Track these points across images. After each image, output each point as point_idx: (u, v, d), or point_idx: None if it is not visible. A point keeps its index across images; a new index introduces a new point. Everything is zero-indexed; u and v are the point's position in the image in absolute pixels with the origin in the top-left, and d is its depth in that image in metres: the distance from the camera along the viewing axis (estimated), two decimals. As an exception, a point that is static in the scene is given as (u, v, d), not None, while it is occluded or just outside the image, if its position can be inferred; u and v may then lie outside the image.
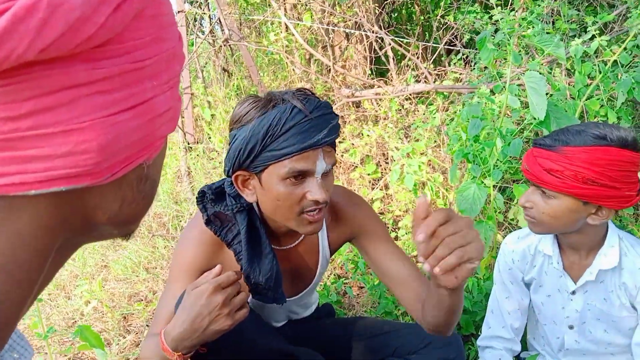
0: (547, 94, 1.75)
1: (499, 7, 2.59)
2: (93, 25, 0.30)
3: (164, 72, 0.38)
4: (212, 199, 1.10)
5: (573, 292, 1.34)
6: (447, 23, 3.01)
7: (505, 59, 2.02)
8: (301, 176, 0.98)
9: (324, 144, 0.97)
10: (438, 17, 3.15)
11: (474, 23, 2.45)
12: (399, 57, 2.91)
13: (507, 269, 1.44)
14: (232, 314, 0.94)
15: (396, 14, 3.85)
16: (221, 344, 1.03)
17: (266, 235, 1.13)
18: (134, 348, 1.77)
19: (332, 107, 1.04)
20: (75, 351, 1.69)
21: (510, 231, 2.02)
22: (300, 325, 1.41)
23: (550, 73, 2.34)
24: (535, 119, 1.64)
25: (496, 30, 1.69)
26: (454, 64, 2.71)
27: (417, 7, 3.67)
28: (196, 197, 1.14)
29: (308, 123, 0.96)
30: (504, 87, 1.68)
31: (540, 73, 1.59)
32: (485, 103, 2.04)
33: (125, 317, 1.95)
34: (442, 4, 3.54)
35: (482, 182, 1.67)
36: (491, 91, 2.15)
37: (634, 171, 1.15)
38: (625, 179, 1.13)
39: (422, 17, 3.64)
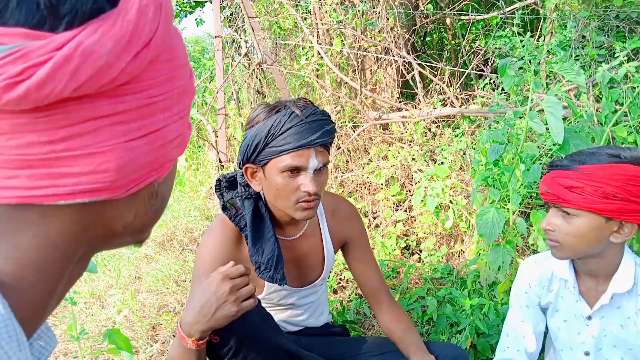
0: (565, 119, 1.77)
1: (529, 33, 2.62)
2: (116, 69, 0.38)
3: (175, 105, 0.46)
4: (226, 185, 1.28)
5: (589, 317, 1.34)
6: (477, 47, 3.05)
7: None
8: (296, 170, 1.17)
9: (316, 144, 1.15)
10: (468, 42, 3.19)
11: (500, 48, 2.49)
12: (426, 82, 2.96)
13: (524, 293, 1.45)
14: (238, 302, 1.06)
15: (428, 39, 3.91)
16: (232, 336, 1.14)
17: (271, 222, 1.27)
18: (160, 357, 1.86)
19: (329, 116, 1.23)
20: (105, 355, 1.79)
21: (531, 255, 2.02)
22: (313, 337, 1.48)
23: (578, 98, 2.33)
24: (555, 144, 1.66)
25: (522, 57, 1.73)
26: (482, 88, 2.74)
27: (448, 32, 3.73)
28: (214, 185, 1.31)
29: (304, 126, 1.14)
30: (525, 112, 1.71)
31: (559, 98, 1.61)
32: (509, 128, 2.06)
33: (153, 327, 2.04)
34: (473, 29, 3.58)
35: (502, 207, 1.69)
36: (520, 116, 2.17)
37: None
38: None
39: (452, 42, 3.69)
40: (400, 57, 2.79)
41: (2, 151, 0.37)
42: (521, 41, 2.36)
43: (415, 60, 2.78)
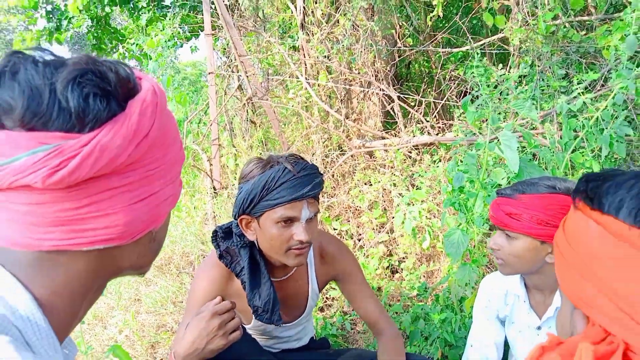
0: (523, 148, 1.96)
1: (500, 65, 2.85)
2: (123, 157, 0.57)
3: (168, 174, 0.65)
4: (222, 236, 1.38)
5: (539, 328, 1.51)
6: (454, 77, 3.27)
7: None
8: (290, 221, 1.26)
9: (307, 196, 1.25)
10: (448, 72, 3.42)
11: (471, 80, 2.70)
12: (405, 112, 3.17)
13: (484, 307, 1.63)
14: (226, 335, 1.18)
15: (410, 69, 4.15)
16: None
17: (265, 267, 1.38)
18: (158, 372, 2.02)
19: (317, 169, 1.33)
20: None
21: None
22: (294, 352, 1.62)
23: (543, 125, 2.53)
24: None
25: (479, 95, 1.94)
26: (458, 117, 2.94)
27: (430, 62, 3.95)
28: (211, 236, 1.42)
29: (296, 180, 1.25)
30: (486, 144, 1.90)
31: (516, 131, 1.80)
32: (479, 155, 2.25)
33: (152, 345, 2.20)
34: (452, 58, 3.81)
35: (468, 229, 1.88)
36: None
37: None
38: None
39: (435, 71, 3.91)
40: (381, 89, 3.01)
41: (44, 214, 0.56)
42: (485, 74, 2.57)
43: (394, 92, 3.00)
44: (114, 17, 8.46)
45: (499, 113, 2.00)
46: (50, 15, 7.09)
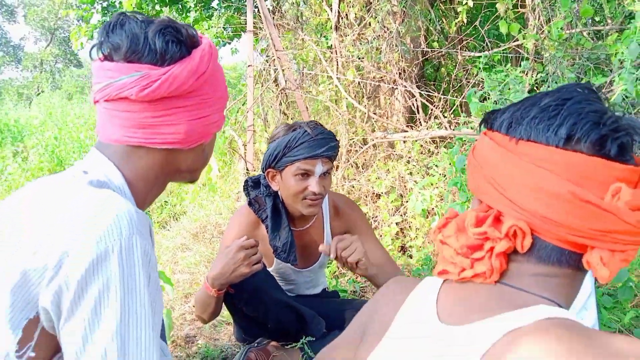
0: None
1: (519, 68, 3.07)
2: (187, 85, 0.86)
3: (216, 104, 0.94)
4: (251, 185, 1.68)
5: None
6: (477, 79, 3.49)
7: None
8: (306, 175, 1.55)
9: (322, 156, 1.54)
10: (467, 73, 3.64)
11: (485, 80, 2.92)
12: (426, 108, 3.41)
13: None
14: (249, 265, 1.47)
15: (436, 72, 4.39)
16: (244, 289, 1.56)
17: (286, 216, 1.67)
18: (190, 314, 2.32)
19: (334, 135, 1.62)
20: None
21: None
22: (307, 298, 1.89)
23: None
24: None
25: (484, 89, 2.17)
26: (475, 114, 3.16)
27: (457, 65, 4.18)
28: (242, 185, 1.73)
29: (313, 142, 1.54)
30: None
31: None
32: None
33: (185, 295, 2.51)
34: (478, 62, 4.02)
35: (468, 205, 2.11)
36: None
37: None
38: None
39: (461, 73, 4.14)
40: (404, 87, 3.26)
41: (134, 119, 0.86)
42: (503, 75, 2.80)
43: (416, 89, 3.26)
44: (163, 15, 8.96)
45: (500, 104, 2.23)
46: (106, 11, 7.61)
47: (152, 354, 0.73)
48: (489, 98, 2.13)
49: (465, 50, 3.59)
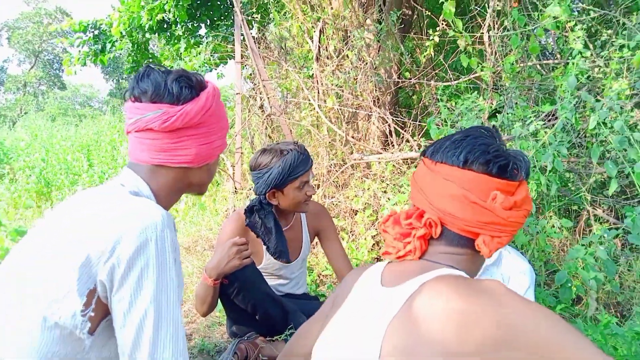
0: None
1: (481, 97, 3.42)
2: (196, 119, 1.17)
3: (219, 132, 1.25)
4: (248, 211, 1.97)
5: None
6: (445, 106, 3.86)
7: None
8: (305, 183, 1.93)
9: (310, 167, 1.94)
10: (435, 101, 4.01)
11: (454, 105, 3.28)
12: (398, 132, 3.76)
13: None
14: (240, 259, 1.78)
15: (410, 99, 4.77)
16: (235, 281, 1.86)
17: (279, 224, 2.00)
18: (185, 316, 2.56)
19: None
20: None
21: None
22: (292, 297, 2.18)
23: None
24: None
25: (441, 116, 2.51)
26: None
27: (425, 93, 4.56)
28: (245, 211, 2.01)
29: (304, 158, 1.92)
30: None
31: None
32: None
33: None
34: (446, 90, 4.40)
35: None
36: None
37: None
38: None
39: (432, 100, 4.52)
40: (378, 113, 3.61)
41: (156, 145, 1.15)
42: (464, 103, 3.15)
43: (390, 116, 3.61)
44: (150, 42, 9.27)
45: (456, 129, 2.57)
46: (97, 39, 7.89)
47: (178, 312, 1.02)
48: (447, 124, 2.47)
49: (434, 80, 3.96)
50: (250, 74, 4.41)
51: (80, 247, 1.00)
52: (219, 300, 1.94)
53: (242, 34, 4.16)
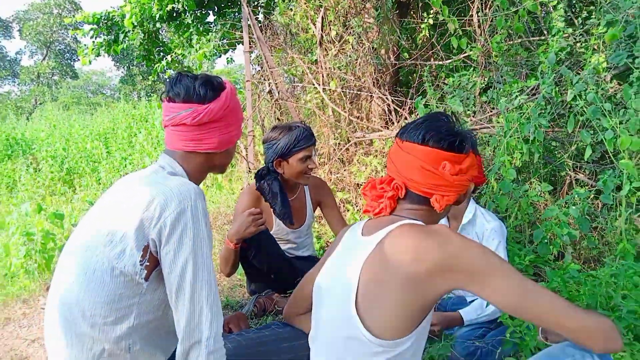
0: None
1: (466, 71, 3.67)
2: (219, 114, 1.50)
3: (236, 123, 1.58)
4: (259, 175, 2.31)
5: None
6: (442, 84, 4.12)
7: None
8: (307, 157, 2.26)
9: (313, 143, 2.27)
10: (439, 80, 4.27)
11: (448, 84, 3.55)
12: (397, 111, 4.04)
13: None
14: (256, 225, 2.12)
15: (409, 79, 5.02)
16: (252, 244, 2.19)
17: (284, 191, 2.35)
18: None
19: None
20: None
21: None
22: (301, 259, 2.52)
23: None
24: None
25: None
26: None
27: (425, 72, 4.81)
28: (255, 175, 2.36)
29: (308, 134, 2.25)
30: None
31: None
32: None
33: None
34: (444, 68, 4.65)
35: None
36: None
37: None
38: None
39: (429, 78, 4.77)
40: (377, 93, 3.89)
41: (188, 135, 1.48)
42: (454, 81, 3.41)
43: (388, 96, 3.89)
44: (161, 31, 9.55)
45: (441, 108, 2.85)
46: (110, 30, 8.19)
47: (210, 263, 1.35)
48: (434, 105, 2.75)
49: (432, 60, 4.22)
50: (259, 61, 4.70)
51: (135, 215, 1.34)
52: (239, 263, 2.28)
53: (249, 24, 4.44)
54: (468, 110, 3.53)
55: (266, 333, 1.60)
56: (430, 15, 3.72)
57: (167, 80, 1.54)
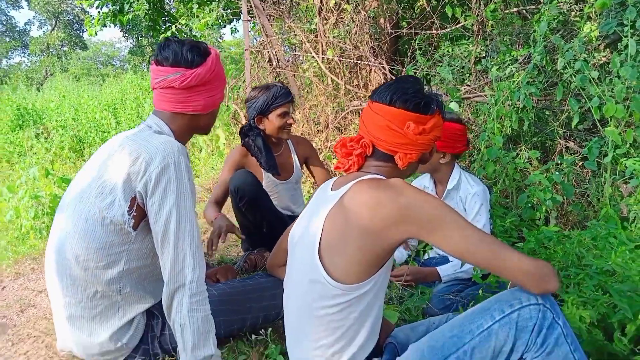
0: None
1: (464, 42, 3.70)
2: (205, 78, 1.59)
3: (220, 87, 1.67)
4: (244, 132, 2.44)
5: (440, 207, 2.46)
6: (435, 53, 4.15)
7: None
8: (285, 114, 2.41)
9: (290, 100, 2.42)
10: (438, 49, 4.29)
11: (444, 55, 3.59)
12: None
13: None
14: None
15: (407, 47, 5.04)
16: (245, 195, 2.31)
17: (268, 145, 2.48)
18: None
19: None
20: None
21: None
22: (292, 217, 2.64)
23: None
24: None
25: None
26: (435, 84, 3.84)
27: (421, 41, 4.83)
28: (239, 132, 2.50)
29: (285, 92, 2.40)
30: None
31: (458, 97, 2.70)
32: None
33: (204, 232, 3.25)
34: (445, 37, 4.66)
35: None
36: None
37: (458, 134, 2.28)
38: (450, 139, 2.26)
39: (429, 48, 4.79)
40: (374, 62, 3.94)
41: (175, 98, 1.58)
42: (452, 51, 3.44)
43: (385, 65, 3.93)
44: (166, 1, 9.55)
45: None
46: (115, 1, 8.22)
47: (193, 214, 1.47)
48: (423, 72, 2.81)
49: (429, 29, 4.24)
50: (259, 30, 4.74)
51: (123, 169, 1.45)
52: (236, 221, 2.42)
53: (249, -8, 4.46)
54: (460, 78, 3.57)
55: (250, 282, 1.73)
56: (428, -17, 3.73)
57: (156, 44, 1.63)
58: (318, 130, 4.09)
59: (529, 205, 2.72)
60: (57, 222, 1.55)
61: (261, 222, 2.39)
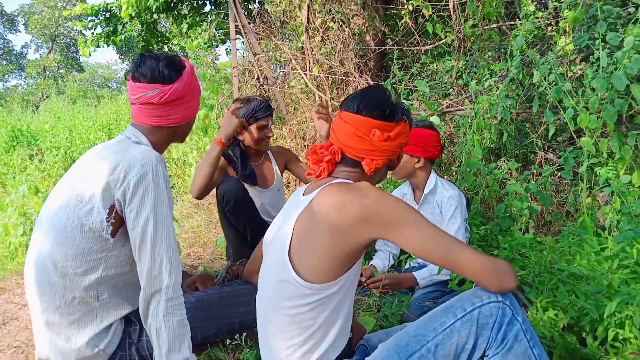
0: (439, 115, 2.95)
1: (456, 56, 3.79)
2: (180, 93, 1.66)
3: (195, 98, 1.73)
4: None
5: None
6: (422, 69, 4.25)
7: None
8: (265, 127, 2.48)
9: (270, 114, 2.49)
10: (424, 65, 4.40)
11: (425, 70, 3.69)
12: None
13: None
14: (238, 117, 2.38)
15: (390, 62, 5.15)
16: (231, 198, 2.37)
17: (247, 156, 2.56)
18: (191, 258, 3.10)
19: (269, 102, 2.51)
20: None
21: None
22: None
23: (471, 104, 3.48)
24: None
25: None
26: (417, 99, 3.93)
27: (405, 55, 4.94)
28: None
29: (265, 105, 2.47)
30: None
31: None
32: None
33: (189, 246, 3.29)
34: (431, 52, 4.77)
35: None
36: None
37: (430, 139, 2.35)
38: (422, 144, 2.33)
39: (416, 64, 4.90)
40: (358, 79, 4.03)
41: (154, 112, 1.64)
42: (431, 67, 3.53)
43: (370, 80, 4.02)
44: (159, 22, 9.70)
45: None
46: (109, 21, 8.34)
47: (170, 221, 1.52)
48: (401, 87, 2.90)
49: (412, 46, 4.34)
50: (247, 48, 4.85)
51: (102, 178, 1.50)
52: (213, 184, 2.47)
53: (236, 14, 4.58)
54: (442, 92, 3.66)
55: (227, 289, 1.77)
56: (410, 2, 3.84)
57: (132, 60, 1.70)
58: (305, 146, 4.16)
59: (507, 214, 2.78)
60: (36, 230, 1.59)
61: (244, 227, 2.44)
